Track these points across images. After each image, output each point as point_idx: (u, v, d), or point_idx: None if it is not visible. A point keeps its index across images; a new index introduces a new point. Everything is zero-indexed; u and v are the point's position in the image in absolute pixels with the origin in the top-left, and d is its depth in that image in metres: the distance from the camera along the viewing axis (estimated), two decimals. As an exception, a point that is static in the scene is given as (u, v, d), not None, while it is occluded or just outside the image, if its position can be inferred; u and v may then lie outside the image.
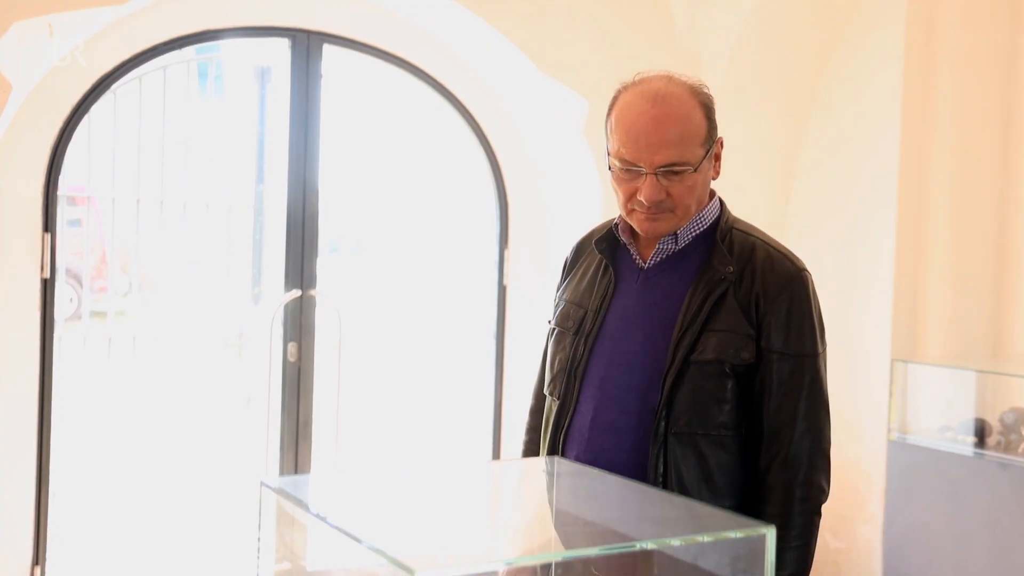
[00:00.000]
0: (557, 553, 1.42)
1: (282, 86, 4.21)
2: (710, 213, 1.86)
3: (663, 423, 1.74)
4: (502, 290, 4.66)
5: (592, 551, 1.23)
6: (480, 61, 4.51)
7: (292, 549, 1.46)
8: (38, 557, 3.78)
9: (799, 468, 1.76)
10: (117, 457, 4.85)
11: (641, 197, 1.77)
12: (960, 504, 3.56)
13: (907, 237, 4.53)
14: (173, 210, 4.41)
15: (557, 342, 1.92)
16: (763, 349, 1.76)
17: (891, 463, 3.82)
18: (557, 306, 1.98)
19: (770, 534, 1.25)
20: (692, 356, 1.74)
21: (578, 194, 4.67)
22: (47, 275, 3.76)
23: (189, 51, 4.13)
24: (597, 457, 1.78)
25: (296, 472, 4.15)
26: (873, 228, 4.59)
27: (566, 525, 1.53)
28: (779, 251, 1.85)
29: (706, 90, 1.84)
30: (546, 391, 1.93)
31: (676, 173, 1.76)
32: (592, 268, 1.93)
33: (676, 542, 1.27)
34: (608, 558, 1.15)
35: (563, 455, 1.83)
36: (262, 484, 1.45)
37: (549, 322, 2.00)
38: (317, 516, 1.29)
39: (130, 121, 4.17)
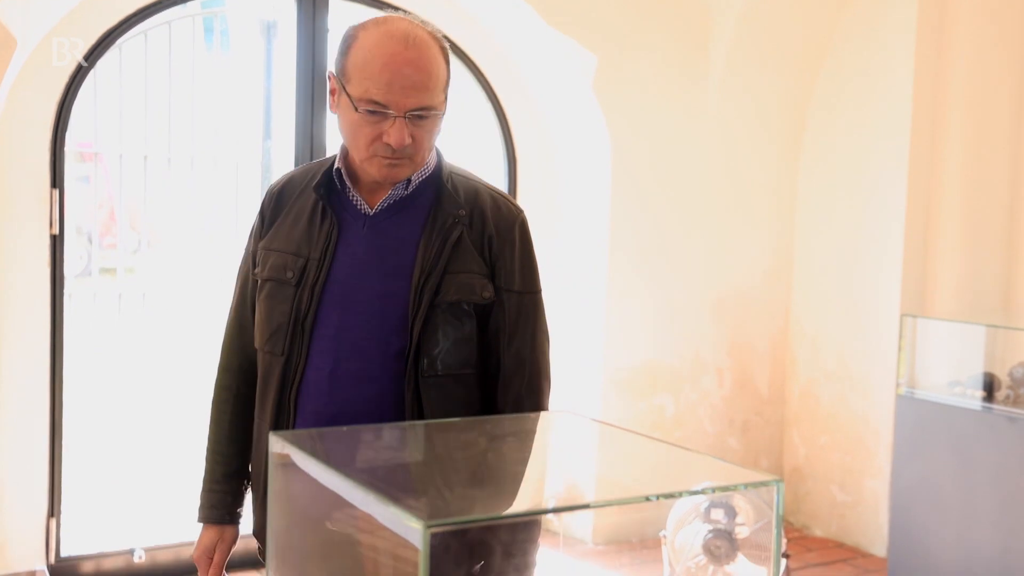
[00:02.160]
0: (566, 505, 1.43)
1: (288, 41, 4.17)
2: (432, 158, 1.86)
3: (413, 367, 1.76)
4: (510, 246, 4.65)
5: (601, 503, 1.24)
6: (489, 15, 4.46)
7: (300, 501, 1.47)
8: (53, 509, 3.83)
9: (536, 396, 1.85)
10: (128, 411, 4.89)
11: (389, 141, 1.73)
12: (967, 458, 3.58)
13: (918, 192, 4.51)
14: (181, 167, 4.40)
15: (272, 295, 1.82)
16: (498, 288, 1.81)
17: (899, 417, 3.83)
18: (261, 257, 1.87)
19: (779, 487, 1.26)
20: (437, 299, 1.76)
21: (587, 149, 4.65)
22: (56, 231, 3.77)
23: (194, 6, 4.10)
24: (341, 409, 1.77)
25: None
26: (884, 183, 4.56)
27: (576, 478, 1.53)
28: (501, 194, 1.89)
29: (440, 34, 1.82)
30: (260, 347, 1.85)
31: (423, 118, 1.75)
32: (305, 216, 1.84)
33: (686, 494, 1.28)
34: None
35: (295, 411, 1.79)
36: (272, 434, 1.46)
37: (254, 273, 1.88)
38: (328, 467, 1.30)
39: (136, 77, 4.14)
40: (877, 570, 4.36)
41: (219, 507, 1.92)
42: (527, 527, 1.78)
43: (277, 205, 1.90)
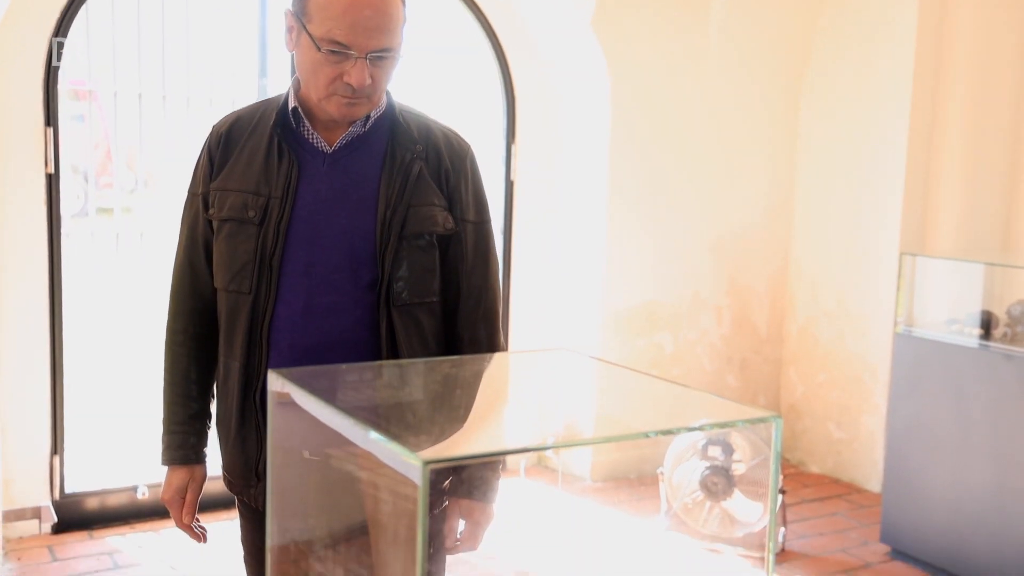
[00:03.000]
0: (564, 442, 1.44)
1: (283, -25, 4.11)
2: (384, 97, 1.89)
3: (385, 297, 1.80)
4: (509, 185, 4.64)
5: (599, 439, 1.25)
6: (486, -52, 4.39)
7: (297, 438, 1.48)
8: (56, 447, 3.86)
9: (496, 320, 1.94)
10: (127, 350, 4.91)
11: (350, 82, 1.75)
12: (963, 395, 3.60)
13: (919, 130, 4.47)
14: (176, 105, 4.36)
15: (234, 234, 1.83)
16: (457, 219, 1.87)
17: (896, 356, 3.84)
18: (216, 198, 1.86)
19: (777, 423, 1.26)
20: (404, 231, 1.81)
21: (586, 88, 4.60)
22: (51, 170, 3.74)
23: (187, -61, 4.02)
24: (317, 342, 1.80)
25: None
26: (886, 122, 4.53)
27: (574, 416, 1.54)
28: (450, 130, 1.94)
29: None
30: (223, 287, 1.85)
31: (382, 59, 1.77)
32: (261, 154, 1.84)
33: (684, 431, 1.29)
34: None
35: (269, 346, 1.81)
36: (271, 373, 1.46)
37: (207, 215, 1.87)
38: (326, 404, 1.31)
39: (130, 13, 4.08)
40: (871, 505, 4.42)
41: (184, 448, 1.93)
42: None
43: (227, 145, 1.89)
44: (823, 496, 4.58)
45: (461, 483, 1.86)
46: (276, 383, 1.48)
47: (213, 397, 1.97)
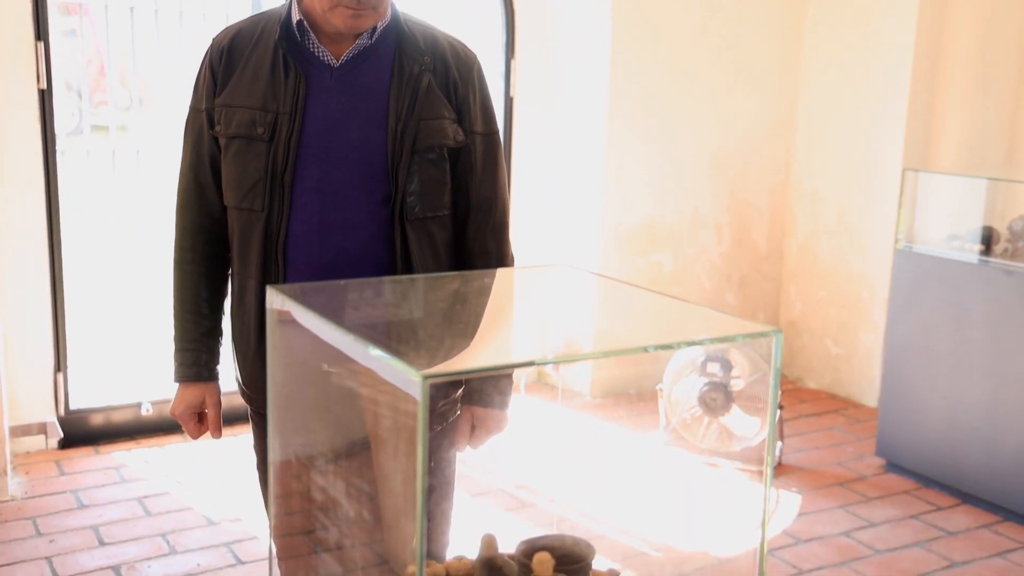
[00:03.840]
0: (564, 357, 1.45)
1: None
2: (389, 7, 1.85)
3: (399, 211, 1.80)
4: (508, 102, 4.58)
5: (598, 354, 1.25)
6: None
7: (297, 355, 1.48)
8: (59, 363, 3.89)
9: (505, 232, 1.96)
10: (126, 268, 4.92)
11: None
12: (962, 311, 3.61)
13: (925, 43, 4.40)
14: (169, 19, 4.28)
15: (243, 151, 1.80)
16: (465, 131, 1.86)
17: (896, 272, 3.84)
18: (222, 114, 1.82)
19: (777, 338, 1.26)
20: (416, 145, 1.79)
21: (586, 3, 4.51)
22: (43, 86, 3.69)
23: None
24: (335, 257, 1.80)
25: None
26: (891, 34, 4.44)
27: (574, 331, 1.54)
28: (456, 39, 1.92)
29: None
30: (234, 205, 1.83)
31: None
32: (266, 69, 1.81)
33: (684, 346, 1.29)
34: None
35: (285, 263, 1.80)
36: (269, 290, 1.46)
37: (213, 132, 1.84)
38: (327, 321, 1.31)
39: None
40: (868, 420, 4.47)
41: (197, 365, 1.94)
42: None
43: (229, 59, 1.85)
44: (820, 411, 4.63)
45: (473, 392, 1.88)
46: (275, 301, 1.47)
47: (224, 315, 1.97)
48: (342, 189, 1.79)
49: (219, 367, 1.98)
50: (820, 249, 4.89)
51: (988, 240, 3.69)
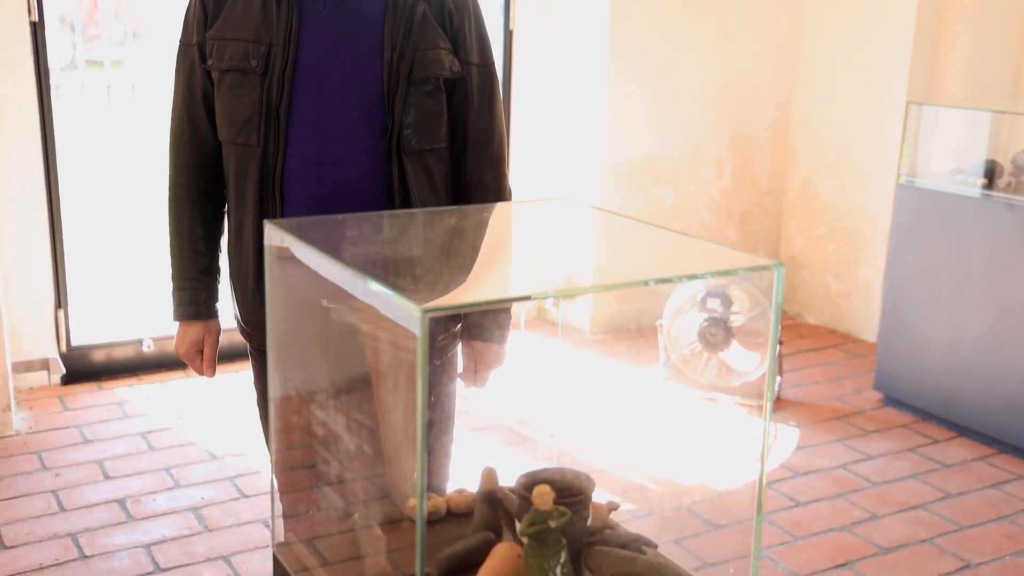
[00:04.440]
0: (564, 291, 1.44)
1: None
2: None
3: (396, 145, 1.78)
4: (508, 35, 4.51)
5: (598, 288, 1.24)
6: None
7: (296, 291, 1.48)
8: (60, 300, 3.89)
9: (502, 165, 1.92)
10: (123, 204, 4.90)
11: None
12: (964, 246, 3.60)
13: (933, -28, 4.32)
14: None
15: (236, 85, 1.78)
16: (461, 62, 1.83)
17: (898, 207, 3.82)
18: (214, 48, 1.79)
19: (779, 271, 1.26)
20: (412, 76, 1.77)
21: (588, -72, 4.42)
22: (35, 18, 3.63)
23: None
24: (333, 192, 1.78)
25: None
26: (898, -37, 4.37)
27: (574, 265, 1.54)
28: None
29: None
30: (229, 140, 1.81)
31: None
32: (258, 1, 1.78)
33: (684, 279, 1.28)
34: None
35: (282, 199, 1.79)
36: (267, 223, 1.45)
37: (205, 66, 1.81)
38: (325, 256, 1.30)
39: None
40: (866, 355, 4.49)
41: (196, 303, 1.93)
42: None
43: None
44: (819, 346, 4.64)
45: (472, 326, 1.88)
46: (275, 236, 1.47)
47: (221, 252, 1.96)
48: (338, 122, 1.77)
49: (218, 304, 1.98)
50: (821, 184, 4.86)
51: (991, 174, 3.66)
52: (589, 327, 4.67)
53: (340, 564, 1.46)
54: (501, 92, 1.95)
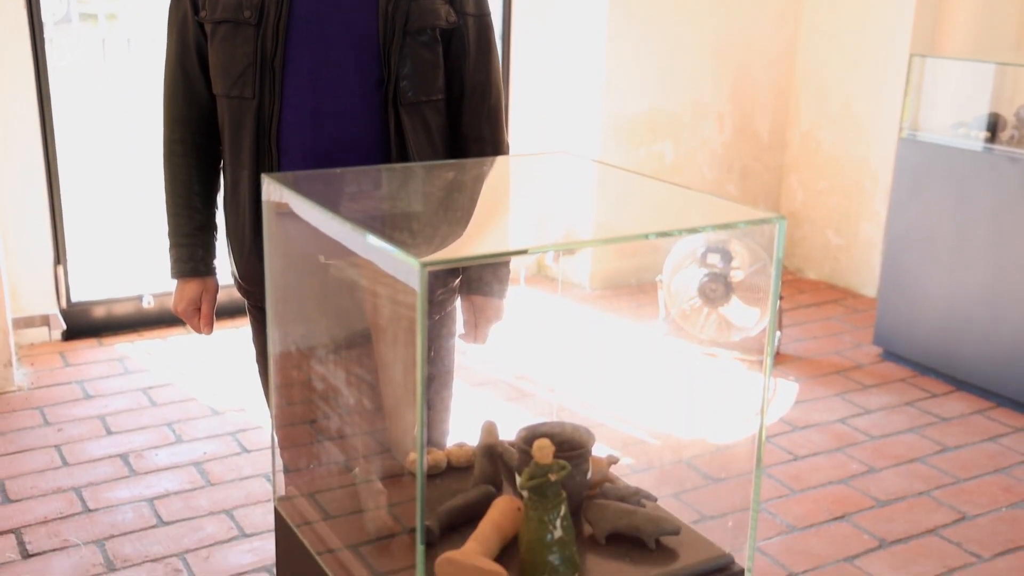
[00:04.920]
0: (563, 244, 1.44)
1: None
2: None
3: (392, 97, 1.76)
4: (507, -14, 4.46)
5: (599, 241, 1.24)
6: None
7: (294, 245, 1.47)
8: (59, 256, 3.89)
9: (499, 118, 1.89)
10: (120, 158, 4.87)
11: None
12: (965, 199, 3.59)
13: (939, -78, 4.26)
14: (155, -100, 4.13)
15: (230, 37, 1.75)
16: (458, 12, 1.81)
17: (900, 161, 3.80)
18: None
19: (780, 224, 1.25)
20: (407, 26, 1.75)
21: None
22: (29, -27, 3.58)
23: None
24: (331, 146, 1.76)
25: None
26: (903, -88, 4.30)
27: (574, 219, 1.53)
28: None
29: None
30: (224, 93, 1.79)
31: None
32: None
33: (685, 232, 1.28)
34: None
35: (278, 152, 1.77)
36: (264, 176, 1.44)
37: (198, 17, 1.79)
38: (323, 209, 1.29)
39: None
40: (866, 310, 4.49)
41: (193, 260, 1.92)
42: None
43: None
44: (819, 301, 4.65)
45: (471, 280, 1.88)
46: (272, 190, 1.46)
47: (217, 208, 1.95)
48: (334, 74, 1.75)
49: (215, 262, 1.97)
50: (823, 138, 4.83)
51: (994, 127, 3.64)
52: (589, 283, 4.67)
53: (341, 518, 1.47)
54: (499, 45, 1.92)
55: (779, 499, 2.95)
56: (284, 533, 1.51)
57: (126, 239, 4.67)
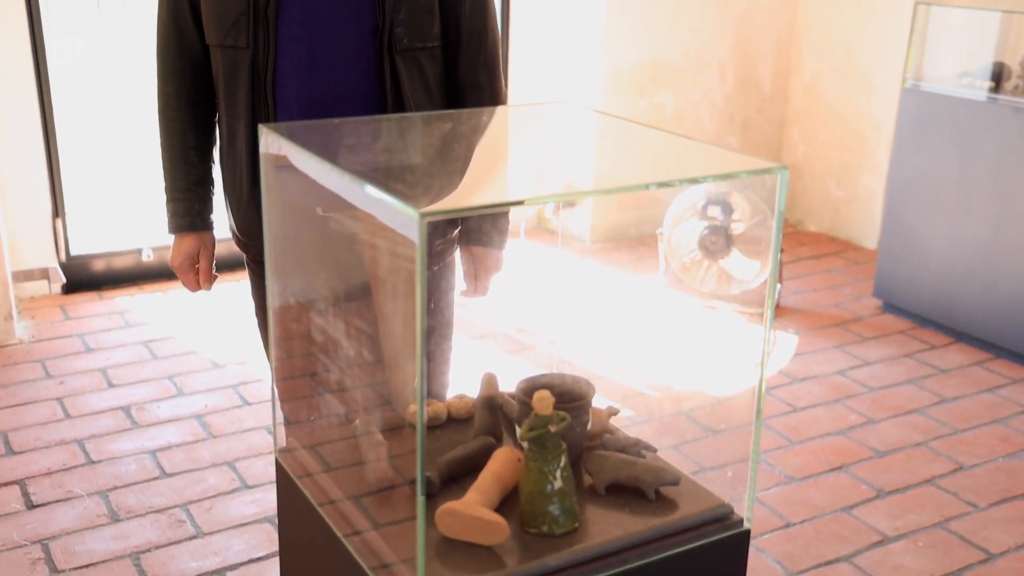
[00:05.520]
0: (563, 194, 1.42)
1: None
2: None
3: (387, 44, 1.74)
4: (506, -67, 4.39)
5: (601, 192, 1.23)
6: None
7: (292, 197, 1.46)
8: (57, 209, 3.87)
9: (496, 66, 1.87)
10: (118, 111, 4.83)
11: None
12: (968, 150, 3.56)
13: None
14: None
15: None
16: None
17: (903, 111, 3.77)
18: None
19: (783, 174, 1.24)
20: None
21: None
22: (20, -79, 3.53)
23: None
24: (325, 94, 1.74)
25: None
26: None
27: (574, 169, 1.52)
28: None
29: None
30: (217, 43, 1.77)
31: None
32: None
33: (686, 182, 1.27)
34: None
35: (274, 102, 1.75)
36: (261, 126, 1.42)
37: None
38: (322, 160, 1.28)
39: None
40: (867, 262, 4.49)
41: (191, 215, 1.91)
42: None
43: None
44: (819, 254, 4.64)
45: (471, 231, 1.87)
46: (270, 141, 1.44)
47: (214, 162, 1.93)
48: (328, 21, 1.72)
49: (213, 216, 1.96)
50: (826, 89, 4.79)
51: (999, 76, 3.60)
52: (589, 235, 4.65)
53: (342, 470, 1.48)
54: (495, 1, 1.89)
55: (778, 450, 2.96)
56: (285, 484, 1.52)
57: (125, 193, 4.65)
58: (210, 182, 1.94)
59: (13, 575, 2.33)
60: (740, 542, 1.35)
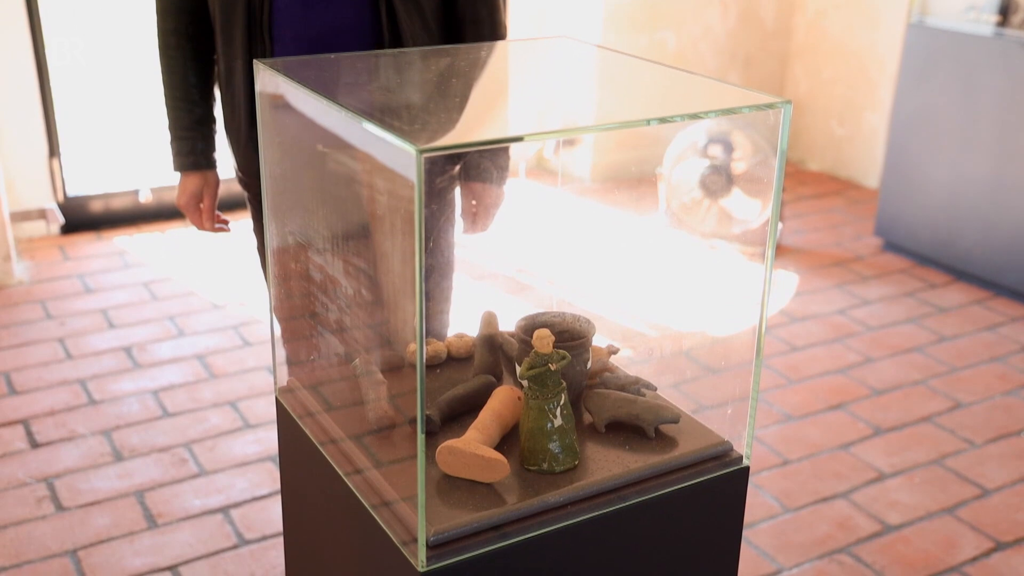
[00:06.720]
0: (566, 130, 1.41)
1: None
2: None
3: None
4: None
5: (601, 128, 1.21)
6: None
7: (289, 134, 1.45)
8: (53, 149, 3.84)
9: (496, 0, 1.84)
10: (115, 51, 4.77)
11: None
12: (973, 86, 3.52)
13: None
14: None
15: None
16: None
17: (907, 47, 3.72)
18: None
19: (786, 109, 1.22)
20: None
21: None
22: None
23: None
24: (321, 32, 1.72)
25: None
26: None
27: (574, 106, 1.50)
28: None
29: None
30: None
31: None
32: None
33: (687, 117, 1.25)
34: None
35: (271, 40, 1.72)
36: (256, 63, 1.40)
37: None
38: (319, 97, 1.26)
39: None
40: (868, 201, 4.47)
41: (194, 154, 1.89)
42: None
43: None
44: (821, 193, 4.62)
45: (470, 168, 1.85)
46: (266, 77, 1.42)
47: (216, 101, 1.91)
48: None
49: (216, 155, 1.94)
50: (829, 25, 4.72)
51: (1006, 10, 3.55)
52: (589, 175, 4.62)
53: (342, 409, 1.48)
54: None
55: (777, 389, 2.98)
56: (286, 424, 1.53)
57: (121, 133, 4.61)
58: (212, 120, 1.92)
59: (20, 512, 2.35)
60: (739, 479, 1.36)
